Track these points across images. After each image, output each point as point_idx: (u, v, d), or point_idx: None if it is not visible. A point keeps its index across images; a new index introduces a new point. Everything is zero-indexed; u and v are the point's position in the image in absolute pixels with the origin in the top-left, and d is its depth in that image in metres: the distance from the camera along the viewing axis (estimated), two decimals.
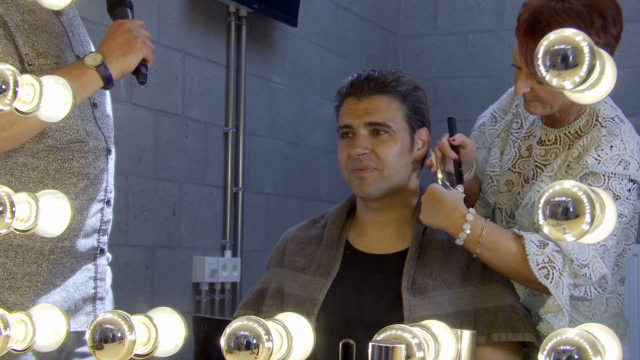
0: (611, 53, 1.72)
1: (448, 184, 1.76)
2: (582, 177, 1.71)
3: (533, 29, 1.67)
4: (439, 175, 1.76)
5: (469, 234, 1.65)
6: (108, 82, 1.61)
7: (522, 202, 1.83)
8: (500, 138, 1.97)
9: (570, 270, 1.63)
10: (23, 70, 1.57)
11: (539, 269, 1.62)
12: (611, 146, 1.74)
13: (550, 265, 1.62)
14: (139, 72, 1.67)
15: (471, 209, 1.69)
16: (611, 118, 1.79)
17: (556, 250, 1.64)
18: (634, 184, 1.72)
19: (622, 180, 1.70)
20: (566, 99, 1.71)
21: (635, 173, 1.72)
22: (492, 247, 1.66)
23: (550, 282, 1.61)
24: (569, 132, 1.82)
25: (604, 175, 1.70)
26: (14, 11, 1.59)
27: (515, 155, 1.91)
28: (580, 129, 1.80)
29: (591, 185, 1.52)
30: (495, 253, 1.66)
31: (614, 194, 1.70)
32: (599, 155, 1.72)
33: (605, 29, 1.70)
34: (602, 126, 1.77)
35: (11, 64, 1.53)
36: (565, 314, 1.63)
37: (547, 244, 1.65)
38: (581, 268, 1.63)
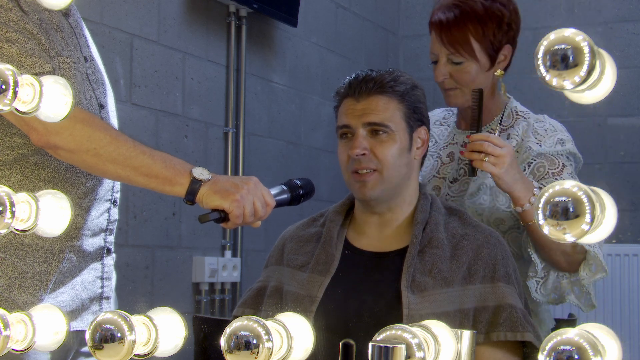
0: (513, 47, 2.02)
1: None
2: (534, 163, 1.92)
3: (446, 6, 1.96)
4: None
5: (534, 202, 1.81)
6: (189, 194, 1.59)
7: (468, 191, 2.00)
8: None
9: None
10: (55, 67, 1.58)
11: None
12: (545, 129, 1.95)
13: None
14: (208, 214, 1.62)
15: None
16: (527, 111, 2.04)
17: None
18: (572, 156, 1.95)
19: (565, 156, 1.92)
20: (484, 80, 1.98)
21: (572, 147, 1.93)
22: None
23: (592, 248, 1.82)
24: (492, 129, 1.99)
25: (552, 156, 1.90)
26: (32, 11, 1.60)
27: (437, 164, 2.11)
28: (502, 124, 1.99)
29: (549, 171, 1.89)
30: None
31: (570, 171, 1.93)
32: (538, 140, 1.90)
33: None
34: (524, 118, 2.00)
35: (44, 62, 1.55)
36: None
37: None
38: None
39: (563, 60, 0.83)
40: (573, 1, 4.31)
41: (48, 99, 1.10)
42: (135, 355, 1.04)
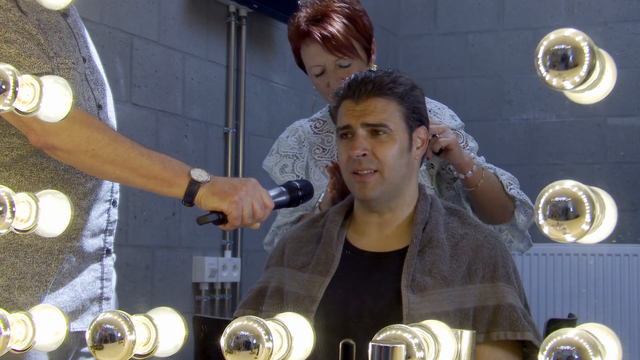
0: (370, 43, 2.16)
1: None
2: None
3: (313, 18, 2.10)
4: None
5: (478, 166, 2.02)
6: (188, 196, 1.59)
7: None
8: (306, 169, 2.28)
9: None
10: (54, 68, 1.58)
11: (509, 190, 2.06)
12: (438, 107, 2.17)
13: (516, 185, 2.07)
14: (206, 215, 1.61)
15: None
16: None
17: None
18: (464, 127, 2.17)
19: (462, 129, 2.14)
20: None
21: (460, 121, 2.17)
22: (488, 175, 2.03)
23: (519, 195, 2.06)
24: None
25: (455, 130, 2.07)
26: (31, 11, 1.60)
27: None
28: None
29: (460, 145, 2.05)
30: (491, 180, 2.04)
31: (472, 138, 2.14)
32: (438, 118, 2.10)
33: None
34: None
35: (43, 63, 1.55)
36: None
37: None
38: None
39: (563, 60, 0.83)
40: (573, 1, 4.31)
41: (48, 99, 1.10)
42: (135, 355, 1.04)
